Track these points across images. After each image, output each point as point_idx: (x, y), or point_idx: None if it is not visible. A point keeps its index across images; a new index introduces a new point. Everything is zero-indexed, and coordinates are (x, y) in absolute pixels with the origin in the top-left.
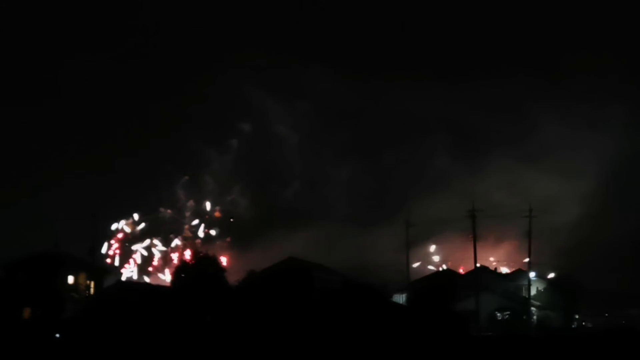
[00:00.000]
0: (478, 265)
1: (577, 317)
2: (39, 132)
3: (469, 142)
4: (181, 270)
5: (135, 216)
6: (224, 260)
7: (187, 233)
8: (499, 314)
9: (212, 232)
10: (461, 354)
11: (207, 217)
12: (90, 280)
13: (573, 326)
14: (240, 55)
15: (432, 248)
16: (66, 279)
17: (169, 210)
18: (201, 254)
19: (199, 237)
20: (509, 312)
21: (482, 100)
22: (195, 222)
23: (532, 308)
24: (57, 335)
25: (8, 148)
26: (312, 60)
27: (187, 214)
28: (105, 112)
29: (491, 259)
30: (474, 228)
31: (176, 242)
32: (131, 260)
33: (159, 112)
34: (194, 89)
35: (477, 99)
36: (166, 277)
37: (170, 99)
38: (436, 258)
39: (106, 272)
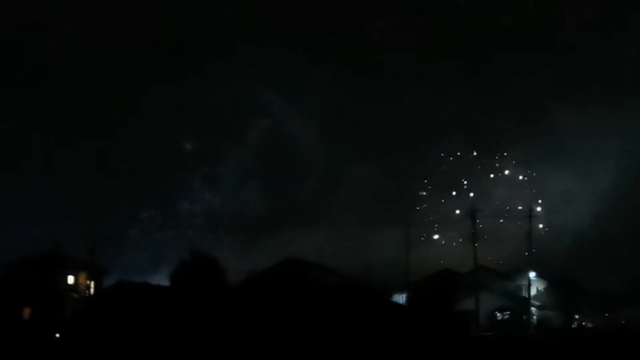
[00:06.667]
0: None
1: (577, 317)
2: (39, 130)
3: (478, 141)
4: (181, 269)
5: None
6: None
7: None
8: (499, 314)
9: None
10: (461, 354)
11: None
12: (90, 280)
13: (573, 326)
14: (245, 53)
15: None
16: (66, 279)
17: (186, 204)
18: (201, 254)
19: (209, 234)
20: (509, 312)
21: (494, 98)
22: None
23: (532, 308)
24: (57, 335)
25: (8, 147)
26: (317, 59)
27: (199, 207)
28: (110, 107)
29: None
30: (474, 228)
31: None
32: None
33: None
34: (198, 89)
35: (489, 98)
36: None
37: (169, 98)
38: None
39: (106, 272)
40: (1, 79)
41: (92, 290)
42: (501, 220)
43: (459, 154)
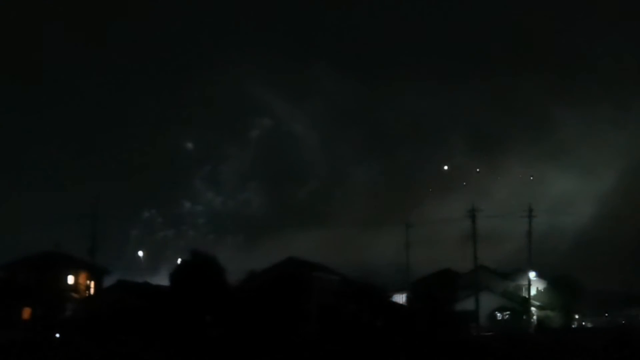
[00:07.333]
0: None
1: (577, 317)
2: (41, 129)
3: (479, 141)
4: (181, 269)
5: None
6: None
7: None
8: (499, 314)
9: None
10: (461, 354)
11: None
12: (90, 280)
13: (573, 326)
14: (247, 54)
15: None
16: (66, 279)
17: (188, 204)
18: (201, 254)
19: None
20: (509, 312)
21: (495, 98)
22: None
23: (532, 308)
24: (57, 335)
25: (8, 147)
26: (318, 59)
27: (201, 207)
28: (111, 107)
29: None
30: (474, 228)
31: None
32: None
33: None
34: (199, 89)
35: (491, 97)
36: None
37: (171, 98)
38: None
39: (106, 272)
40: (1, 81)
41: (92, 290)
42: (501, 220)
43: (459, 154)
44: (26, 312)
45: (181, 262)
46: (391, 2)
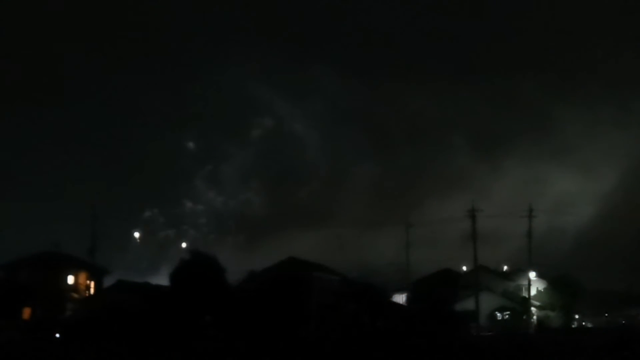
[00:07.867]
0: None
1: (577, 317)
2: (42, 128)
3: (479, 141)
4: (181, 269)
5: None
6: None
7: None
8: (499, 314)
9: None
10: (461, 354)
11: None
12: (90, 280)
13: (573, 326)
14: (248, 54)
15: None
16: (66, 279)
17: (189, 203)
18: (201, 253)
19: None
20: (509, 312)
21: (495, 98)
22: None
23: (532, 308)
24: (57, 335)
25: (9, 147)
26: (318, 59)
27: (202, 207)
28: (112, 107)
29: None
30: (474, 228)
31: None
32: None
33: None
34: (200, 89)
35: (491, 97)
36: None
37: (172, 98)
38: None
39: (106, 272)
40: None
41: (92, 290)
42: (501, 220)
43: (459, 154)
44: (26, 312)
45: (181, 262)
46: (391, 3)
